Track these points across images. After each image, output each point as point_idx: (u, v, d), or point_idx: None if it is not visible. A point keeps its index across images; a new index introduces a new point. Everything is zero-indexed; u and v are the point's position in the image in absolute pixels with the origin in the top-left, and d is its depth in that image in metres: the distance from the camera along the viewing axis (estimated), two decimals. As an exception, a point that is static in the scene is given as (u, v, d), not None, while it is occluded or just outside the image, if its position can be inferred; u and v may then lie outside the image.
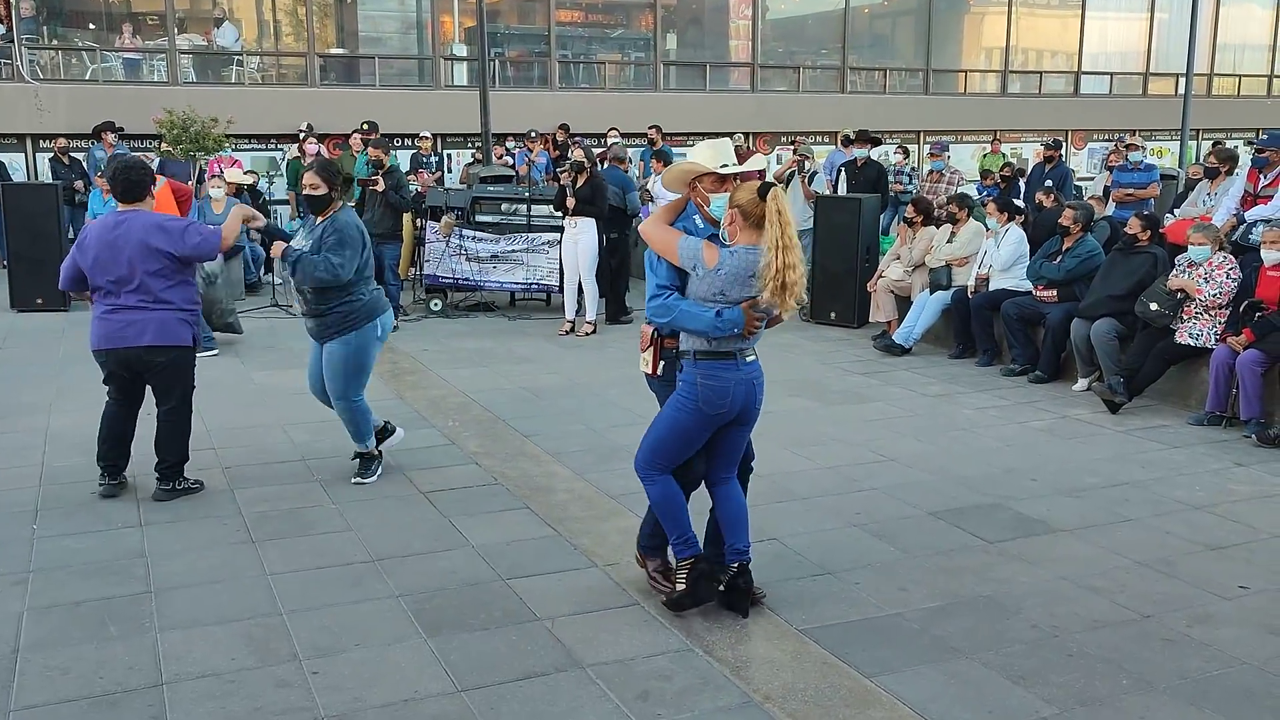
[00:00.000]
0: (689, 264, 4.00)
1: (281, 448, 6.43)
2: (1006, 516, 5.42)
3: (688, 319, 3.98)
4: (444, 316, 11.01)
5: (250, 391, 7.83)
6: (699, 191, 4.14)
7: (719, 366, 4.05)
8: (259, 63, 16.95)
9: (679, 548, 4.26)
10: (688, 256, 4.00)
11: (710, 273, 3.95)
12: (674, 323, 4.03)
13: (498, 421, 7.07)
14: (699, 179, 4.12)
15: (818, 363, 9.04)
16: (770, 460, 6.22)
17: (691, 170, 4.13)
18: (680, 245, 4.02)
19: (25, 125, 14.82)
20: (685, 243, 4.02)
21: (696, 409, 4.07)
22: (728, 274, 3.94)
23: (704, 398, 4.05)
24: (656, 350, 4.20)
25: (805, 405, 7.59)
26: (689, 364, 4.07)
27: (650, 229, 4.16)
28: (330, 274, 5.40)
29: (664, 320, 4.05)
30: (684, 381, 4.09)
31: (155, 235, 5.28)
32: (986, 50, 22.83)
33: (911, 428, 7.05)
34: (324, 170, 5.58)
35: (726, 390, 4.06)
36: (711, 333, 3.97)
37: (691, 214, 4.19)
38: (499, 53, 18.40)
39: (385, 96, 16.74)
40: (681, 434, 4.14)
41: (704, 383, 4.04)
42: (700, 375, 4.04)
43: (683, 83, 19.49)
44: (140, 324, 5.30)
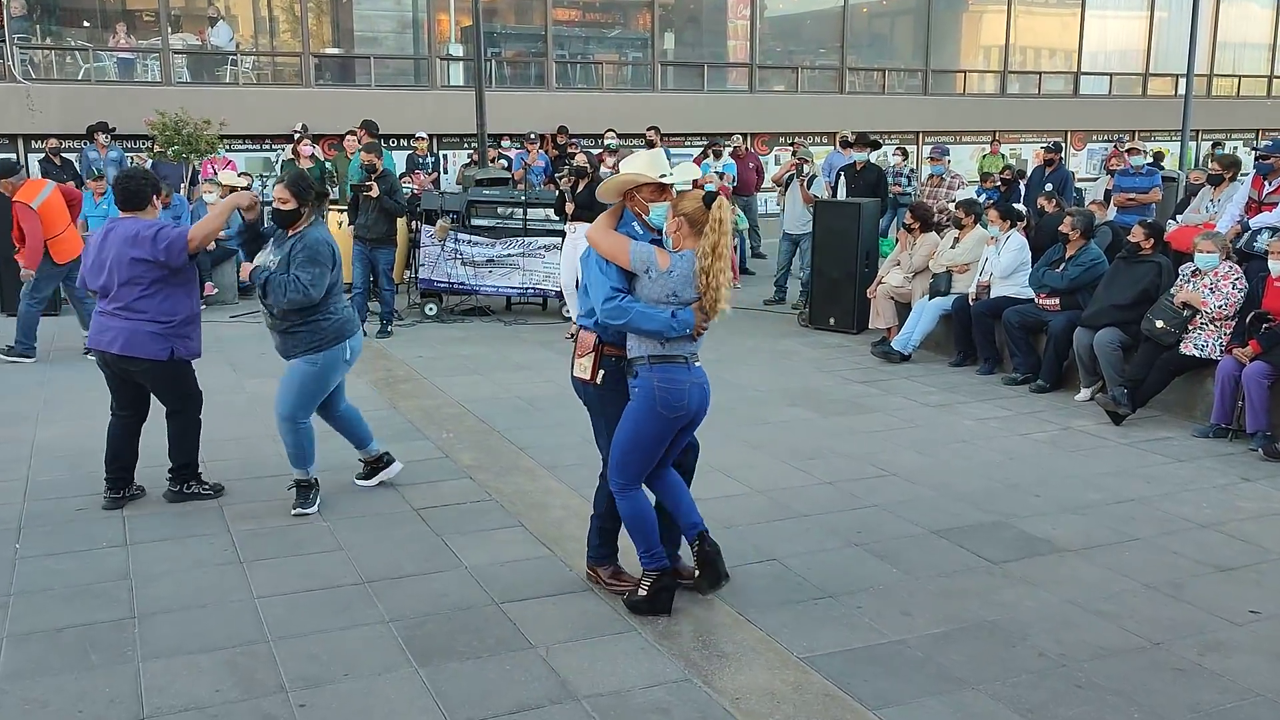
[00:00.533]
0: (641, 267, 4.09)
1: (272, 461, 6.31)
2: (1010, 535, 5.31)
3: (644, 319, 4.05)
4: (439, 321, 10.89)
5: (242, 401, 7.70)
6: (637, 200, 4.24)
7: (673, 370, 4.14)
8: (254, 62, 16.81)
9: (646, 559, 4.35)
10: (640, 260, 4.09)
11: (663, 275, 4.06)
12: (630, 324, 4.07)
13: (492, 433, 6.95)
14: (637, 189, 4.23)
15: (816, 370, 8.93)
16: (769, 475, 6.13)
17: (630, 180, 4.23)
18: (632, 249, 4.11)
19: (16, 125, 14.68)
20: (636, 247, 4.11)
21: (656, 414, 4.14)
22: (679, 276, 4.07)
23: (663, 401, 4.12)
24: (597, 357, 4.25)
25: (804, 416, 7.48)
26: (644, 369, 4.13)
27: (599, 236, 4.21)
28: (300, 293, 5.19)
29: (620, 322, 4.08)
30: (640, 388, 4.14)
31: (131, 244, 5.24)
32: (985, 50, 22.72)
33: (912, 439, 6.94)
34: (294, 184, 5.39)
35: (683, 392, 4.16)
36: (667, 332, 4.06)
37: (629, 222, 4.28)
38: (496, 52, 18.27)
39: (381, 96, 16.60)
40: (646, 441, 4.20)
41: (661, 387, 4.12)
42: (657, 379, 4.12)
43: (680, 83, 19.37)
44: (113, 331, 5.35)
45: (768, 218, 16.48)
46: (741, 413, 7.51)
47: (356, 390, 7.91)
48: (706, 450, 4.94)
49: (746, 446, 6.72)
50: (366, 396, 7.81)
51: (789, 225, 12.10)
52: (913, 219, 9.79)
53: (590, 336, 4.25)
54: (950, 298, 9.08)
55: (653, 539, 4.34)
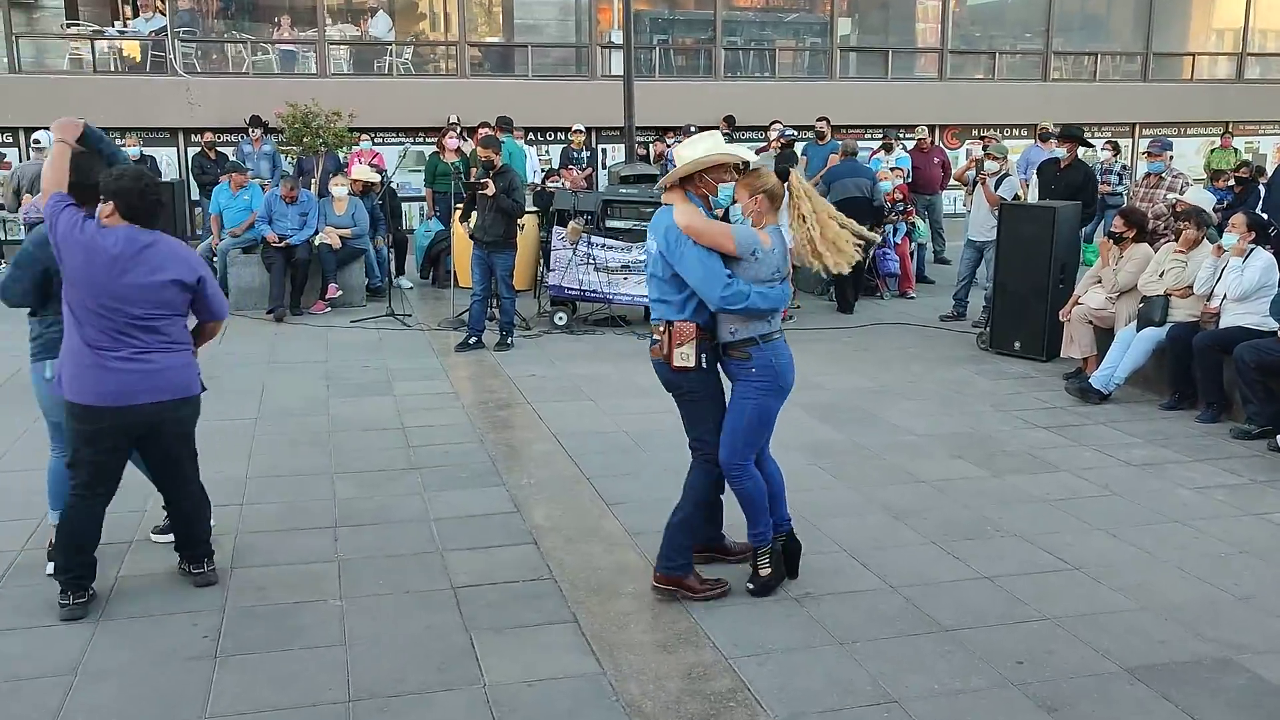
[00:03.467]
0: (747, 250, 4.10)
1: (315, 508, 5.39)
2: (1239, 684, 3.80)
3: (763, 300, 4.11)
4: (569, 332, 9.89)
5: (317, 425, 6.87)
6: (706, 182, 4.23)
7: (781, 345, 4.28)
8: (412, 53, 16.31)
9: (765, 534, 4.44)
10: (746, 243, 4.11)
11: (768, 254, 4.15)
12: (750, 306, 4.08)
13: (580, 481, 5.84)
14: (707, 170, 4.21)
15: (992, 409, 7.41)
16: (909, 561, 4.79)
17: (710, 160, 4.19)
18: (736, 234, 4.12)
19: (176, 119, 14.60)
20: (742, 231, 4.14)
21: (779, 388, 4.28)
22: (780, 252, 4.20)
23: (782, 375, 4.27)
24: (698, 343, 4.23)
25: (967, 473, 6.04)
26: (757, 350, 4.20)
27: (700, 224, 4.14)
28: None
29: (740, 306, 4.08)
30: (759, 367, 4.21)
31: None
32: (1218, 31, 20.08)
33: (1105, 514, 5.41)
34: None
35: (792, 363, 4.34)
36: (779, 306, 4.22)
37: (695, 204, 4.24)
38: (663, 40, 17.22)
39: (537, 87, 15.82)
40: (768, 418, 4.32)
41: (779, 362, 4.25)
42: (774, 356, 4.23)
43: (862, 71, 17.80)
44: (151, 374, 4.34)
45: (955, 218, 14.79)
46: (888, 465, 6.14)
47: (449, 417, 7.01)
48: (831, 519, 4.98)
49: (886, 515, 5.37)
50: (457, 425, 6.88)
51: (973, 231, 10.51)
52: (1123, 226, 8.09)
53: (691, 325, 4.21)
54: (1166, 327, 7.39)
55: (767, 514, 4.42)
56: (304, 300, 10.75)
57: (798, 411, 7.23)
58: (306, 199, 10.87)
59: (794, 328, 10.21)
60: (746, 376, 4.23)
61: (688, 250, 4.10)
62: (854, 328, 10.29)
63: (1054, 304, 8.58)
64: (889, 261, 11.95)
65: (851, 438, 6.69)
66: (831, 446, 6.51)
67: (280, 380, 8.02)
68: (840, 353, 9.18)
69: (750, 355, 4.20)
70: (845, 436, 6.72)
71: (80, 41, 15.09)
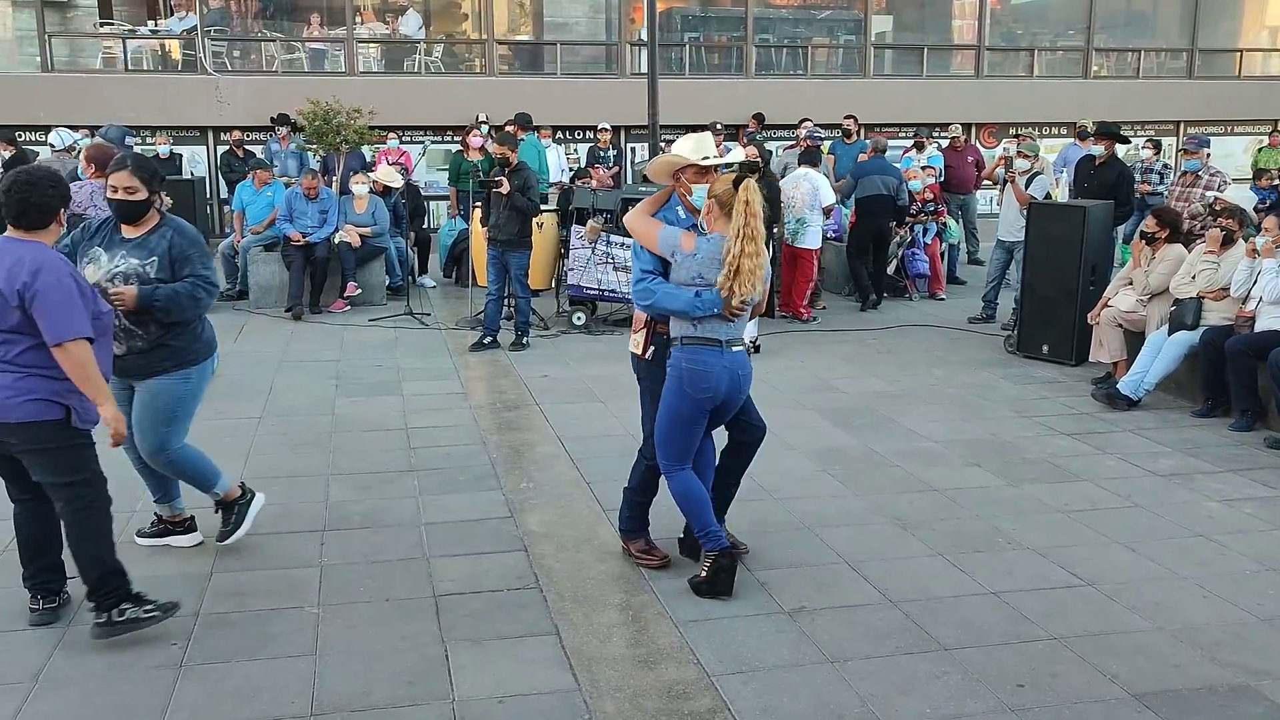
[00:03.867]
0: (667, 250, 4.23)
1: (306, 511, 5.28)
2: (1256, 713, 3.56)
3: (668, 299, 4.21)
4: (587, 332, 9.74)
5: (321, 425, 6.77)
6: (682, 183, 4.35)
7: (703, 351, 4.22)
8: (440, 51, 16.24)
9: (705, 540, 4.37)
10: (666, 244, 4.24)
11: (688, 257, 4.18)
12: (655, 304, 4.24)
13: (580, 486, 5.68)
14: (682, 170, 4.34)
15: (1015, 414, 7.16)
16: (914, 574, 4.59)
17: (674, 162, 4.36)
18: (660, 234, 4.26)
19: (206, 118, 14.63)
20: (664, 232, 4.26)
21: (683, 392, 4.25)
22: (703, 258, 4.17)
23: (689, 380, 4.22)
24: (649, 334, 4.42)
25: (983, 482, 5.81)
26: (676, 350, 4.27)
27: (633, 220, 4.38)
28: (211, 294, 4.43)
29: (647, 302, 4.27)
30: (671, 367, 4.27)
31: None
32: (1271, 29, 19.54)
33: (1126, 527, 5.16)
34: (142, 168, 4.28)
35: (709, 373, 4.22)
36: (691, 311, 4.16)
37: (675, 205, 4.41)
38: (694, 37, 17.03)
39: (565, 85, 15.68)
40: (677, 419, 4.30)
41: (688, 366, 4.23)
42: (685, 359, 4.23)
43: (897, 69, 17.48)
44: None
45: (990, 219, 14.44)
46: (901, 472, 5.92)
47: (455, 418, 6.88)
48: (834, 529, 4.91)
49: (894, 526, 5.15)
50: (462, 426, 6.75)
51: (1002, 231, 10.21)
52: (1156, 225, 7.79)
53: (643, 315, 4.39)
54: (1199, 331, 7.09)
55: (706, 518, 4.36)
56: (323, 299, 10.68)
57: (812, 415, 7.03)
58: (327, 197, 10.80)
59: (818, 329, 10.00)
60: (667, 375, 4.31)
61: (634, 245, 4.42)
62: (879, 329, 10.05)
63: (1084, 306, 8.29)
64: (918, 262, 11.68)
65: (865, 443, 6.48)
66: (843, 452, 6.30)
67: (290, 379, 7.94)
68: (863, 355, 8.95)
69: (670, 354, 4.30)
70: (859, 442, 6.50)
71: (112, 40, 15.17)
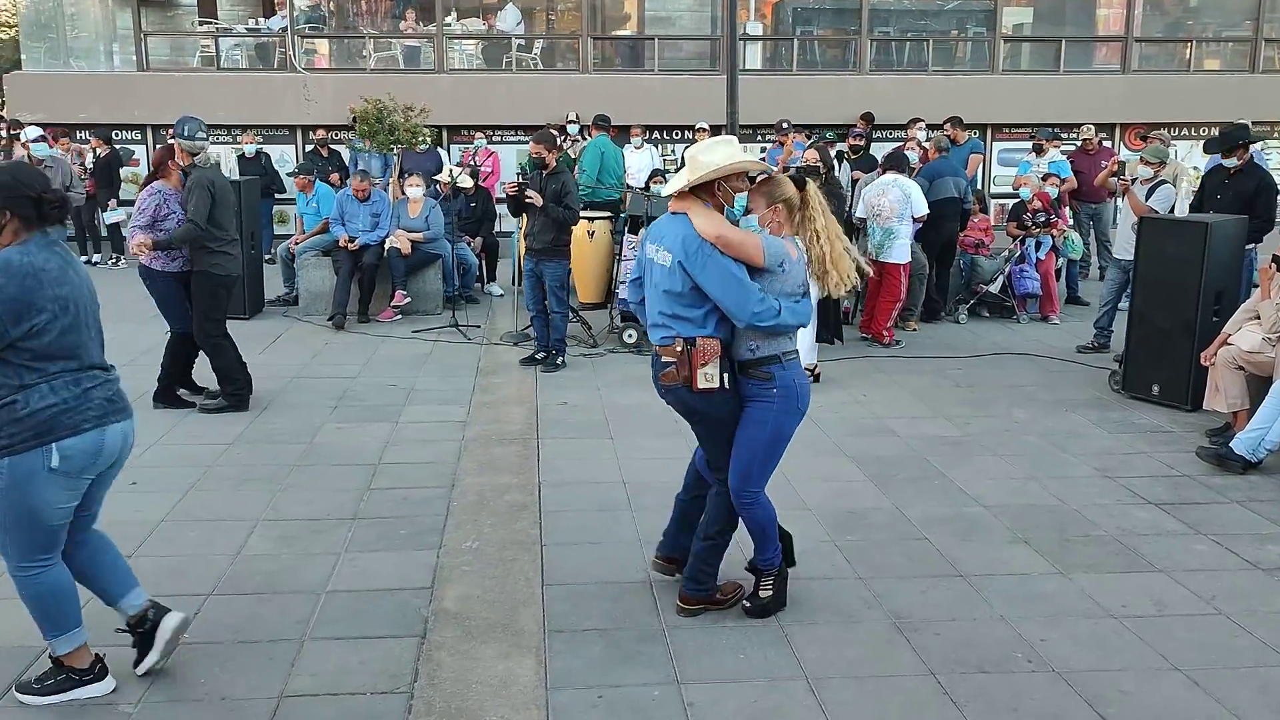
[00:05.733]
0: (775, 261, 3.87)
1: (206, 567, 4.60)
2: None
3: (793, 315, 3.89)
4: (636, 352, 8.90)
5: (288, 456, 6.13)
6: (724, 190, 3.99)
7: (798, 364, 4.08)
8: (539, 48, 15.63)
9: (774, 559, 4.23)
10: (774, 255, 3.87)
11: (795, 265, 3.92)
12: (780, 323, 3.86)
13: (530, 550, 4.84)
14: (725, 178, 3.96)
15: (1096, 473, 5.95)
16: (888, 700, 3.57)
17: (733, 169, 3.93)
18: (766, 244, 3.87)
19: (292, 116, 14.42)
20: (770, 241, 3.89)
21: (797, 410, 4.04)
22: (803, 264, 3.97)
23: (803, 396, 4.05)
24: (723, 362, 3.97)
25: (1026, 565, 4.69)
26: (778, 369, 3.98)
27: (728, 232, 3.86)
28: None
29: (770, 322, 3.84)
30: (780, 387, 3.98)
31: None
32: None
33: (1196, 645, 4.00)
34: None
35: (809, 385, 4.12)
36: (805, 321, 3.97)
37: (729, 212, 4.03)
38: (806, 31, 15.95)
39: (662, 83, 14.86)
40: (784, 442, 4.08)
41: (800, 382, 4.04)
42: (795, 376, 4.03)
43: (1033, 63, 15.96)
44: None
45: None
46: (925, 549, 4.86)
47: (437, 452, 6.16)
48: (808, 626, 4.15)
49: (889, 627, 4.12)
50: (440, 464, 6.01)
51: (1119, 248, 8.90)
52: (1293, 249, 6.44)
53: (714, 342, 3.92)
54: (1332, 380, 5.74)
55: (777, 541, 4.23)
56: (373, 308, 10.15)
57: (847, 467, 6.01)
58: (379, 199, 10.27)
59: (897, 355, 8.90)
60: (767, 397, 3.98)
61: (712, 261, 3.83)
62: (969, 357, 8.85)
63: (1203, 341, 6.97)
64: (1027, 279, 10.35)
65: (898, 505, 5.42)
66: (866, 517, 5.26)
67: (291, 398, 7.37)
68: (937, 389, 7.81)
69: (773, 375, 3.96)
70: (890, 504, 5.45)
71: (209, 39, 15.14)
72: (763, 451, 4.03)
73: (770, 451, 4.04)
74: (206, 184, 6.75)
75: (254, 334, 9.45)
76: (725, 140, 4.09)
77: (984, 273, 10.55)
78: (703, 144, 4.03)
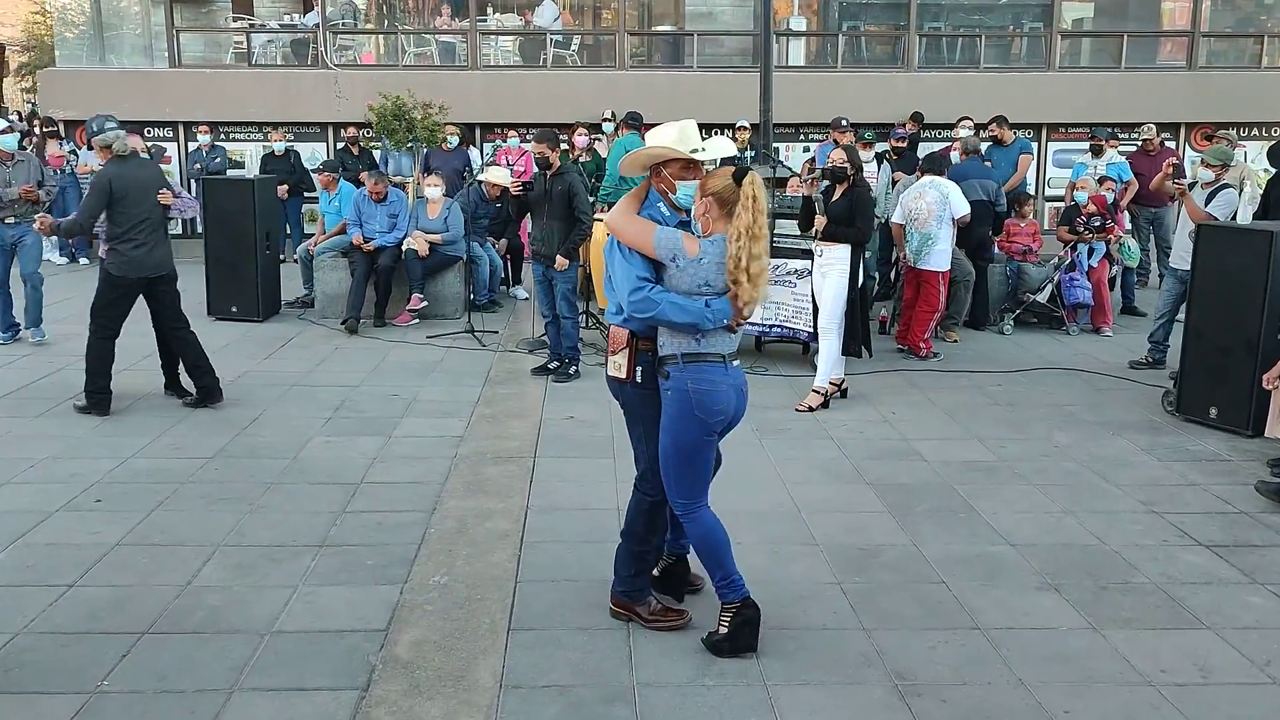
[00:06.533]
0: (667, 255, 3.67)
1: (150, 599, 4.24)
2: None
3: (676, 311, 3.62)
4: (657, 361, 8.43)
5: (267, 473, 5.77)
6: (663, 178, 3.82)
7: (710, 370, 3.72)
8: (577, 43, 15.23)
9: (725, 590, 3.87)
10: (666, 247, 3.66)
11: (692, 263, 3.65)
12: (659, 316, 3.64)
13: (503, 586, 4.42)
14: (665, 164, 3.81)
15: (1142, 508, 5.40)
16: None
17: (658, 154, 3.80)
18: (657, 235, 3.68)
19: (324, 113, 14.16)
20: (662, 233, 3.68)
21: (694, 419, 3.73)
22: (710, 263, 3.66)
23: (699, 404, 3.72)
24: (632, 353, 3.84)
25: (1052, 618, 4.17)
26: (675, 370, 3.73)
27: (620, 221, 3.79)
28: None
29: (649, 314, 3.65)
30: (673, 390, 3.73)
31: None
32: None
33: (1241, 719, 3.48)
34: None
35: (718, 393, 3.73)
36: (702, 324, 3.64)
37: (654, 203, 3.85)
38: (852, 26, 15.38)
39: (701, 79, 14.37)
40: (688, 450, 3.77)
41: (695, 388, 3.71)
42: (690, 380, 3.71)
43: (1094, 60, 15.23)
44: None
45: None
46: (940, 595, 4.36)
47: (425, 471, 5.79)
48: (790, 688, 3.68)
49: (888, 690, 3.64)
50: (425, 484, 5.63)
51: (1176, 256, 8.26)
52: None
53: (623, 332, 3.85)
54: None
55: (729, 564, 3.87)
56: (389, 311, 9.82)
57: (866, 496, 5.52)
58: (396, 199, 9.93)
59: (935, 369, 8.36)
60: (665, 399, 3.77)
61: (614, 248, 3.80)
62: (1012, 372, 8.28)
63: (1265, 361, 6.35)
64: (1077, 289, 9.72)
65: (915, 542, 4.92)
66: (878, 556, 4.77)
67: (285, 408, 7.03)
68: (973, 407, 7.26)
69: (668, 374, 3.74)
70: (906, 539, 4.95)
71: (242, 35, 14.95)
72: (669, 457, 3.79)
73: (679, 457, 3.78)
74: (105, 182, 6.57)
75: (264, 337, 9.18)
76: (673, 126, 3.84)
77: (1031, 281, 9.94)
78: (655, 129, 3.88)
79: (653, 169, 3.87)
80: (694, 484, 3.83)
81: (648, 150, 3.83)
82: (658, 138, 3.85)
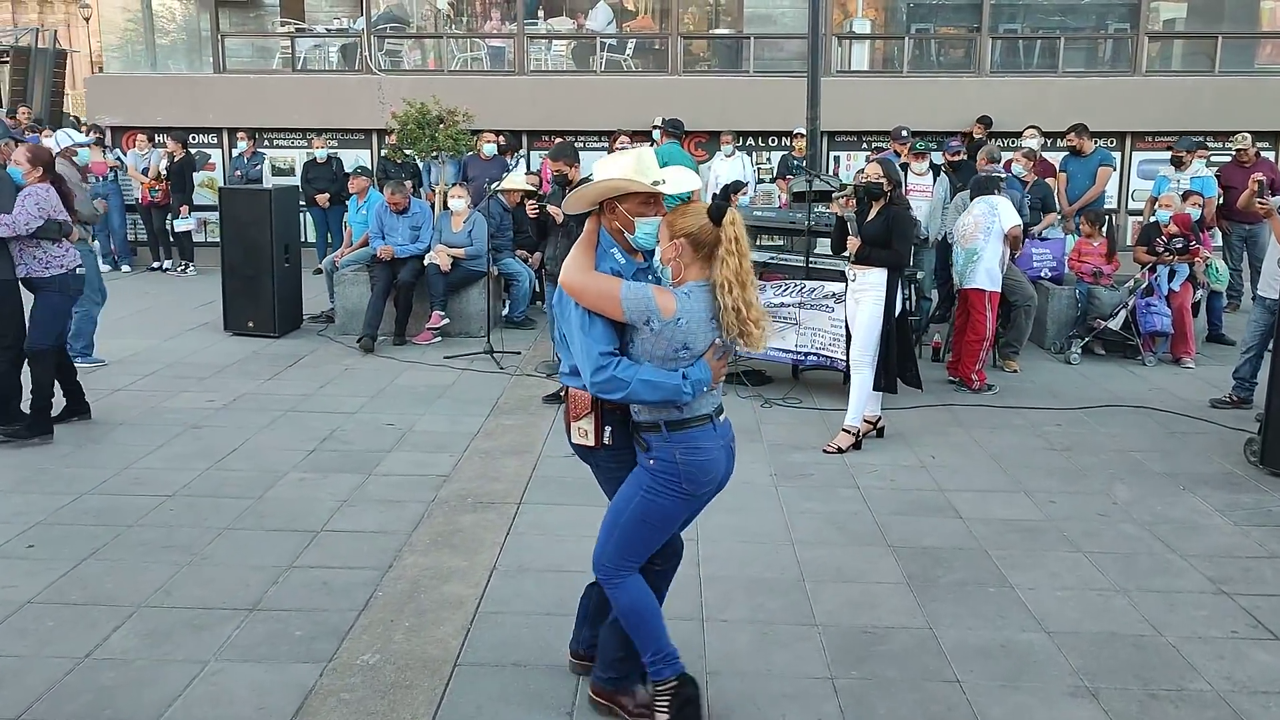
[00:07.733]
0: (639, 319, 3.09)
1: (28, 682, 3.75)
2: None
3: (649, 390, 3.09)
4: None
5: (223, 516, 5.28)
6: (619, 214, 3.25)
7: (699, 435, 3.22)
8: (631, 48, 14.66)
9: (657, 666, 3.35)
10: (637, 310, 3.08)
11: (668, 325, 3.09)
12: (629, 397, 3.11)
13: (439, 672, 3.83)
14: (620, 199, 3.23)
15: (1210, 586, 4.61)
16: None
17: (614, 188, 3.22)
18: (624, 295, 3.08)
19: (368, 120, 13.80)
20: (630, 291, 3.09)
21: (680, 491, 3.23)
22: (689, 324, 3.11)
23: (688, 476, 3.22)
24: (598, 417, 3.28)
25: (1083, 741, 3.44)
26: (658, 440, 3.20)
27: (579, 278, 3.15)
28: None
29: (617, 396, 3.11)
30: (659, 460, 3.22)
31: None
32: None
33: None
34: None
35: (712, 462, 3.25)
36: (679, 400, 3.13)
37: (608, 249, 3.28)
38: (921, 29, 14.55)
39: (757, 84, 13.69)
40: (658, 523, 3.29)
41: (686, 459, 3.20)
42: (680, 451, 3.20)
43: (1185, 63, 14.17)
44: None
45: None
46: (952, 698, 3.65)
47: (394, 518, 5.24)
48: None
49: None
50: (388, 534, 5.09)
51: (1264, 284, 7.37)
52: None
53: (585, 395, 3.24)
54: None
55: (661, 633, 3.36)
56: (410, 328, 9.35)
57: (881, 560, 4.83)
58: (419, 211, 9.46)
59: (988, 403, 7.58)
60: (645, 466, 3.26)
61: (570, 309, 3.19)
62: (1073, 409, 7.46)
63: (1366, 410, 5.50)
64: (1154, 315, 8.81)
65: (930, 623, 4.21)
66: (884, 640, 4.07)
67: (268, 438, 6.56)
68: (1024, 452, 6.49)
69: (648, 445, 3.24)
70: (922, 620, 4.25)
71: (288, 40, 14.69)
72: (626, 524, 3.30)
73: (636, 528, 3.30)
74: None
75: (275, 355, 8.77)
76: (628, 154, 3.30)
77: (1103, 305, 9.06)
78: (606, 158, 3.40)
79: (602, 205, 3.29)
80: (645, 552, 3.37)
81: (601, 183, 3.24)
82: (610, 168, 3.30)
